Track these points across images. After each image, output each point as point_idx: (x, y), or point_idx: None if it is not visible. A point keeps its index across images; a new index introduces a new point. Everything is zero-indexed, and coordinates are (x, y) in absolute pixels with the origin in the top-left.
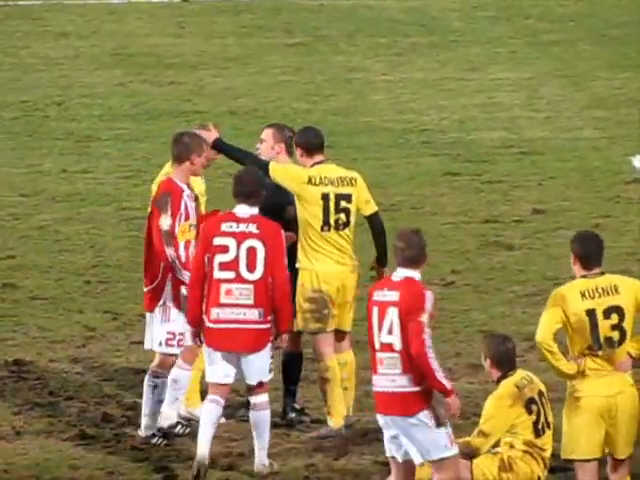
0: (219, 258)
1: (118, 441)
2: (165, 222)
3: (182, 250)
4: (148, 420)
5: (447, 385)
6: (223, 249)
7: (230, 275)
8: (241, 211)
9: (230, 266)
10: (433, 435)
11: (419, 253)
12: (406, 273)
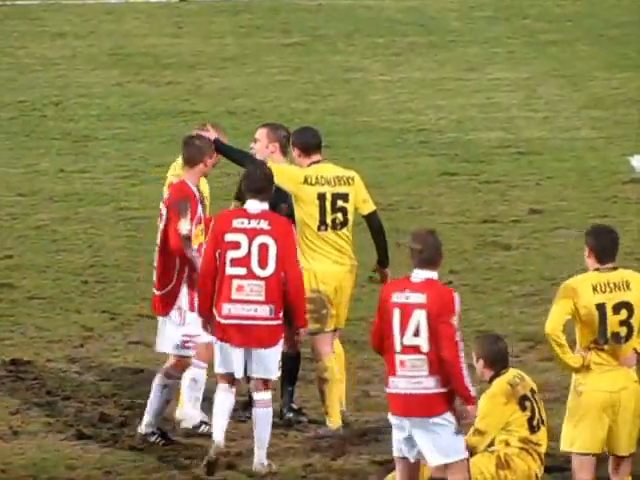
0: (231, 254)
1: (115, 441)
2: (185, 226)
3: (195, 253)
4: (151, 418)
5: (472, 392)
6: (235, 245)
7: (242, 271)
8: (252, 207)
9: (242, 262)
10: (453, 437)
11: (436, 254)
12: (426, 274)
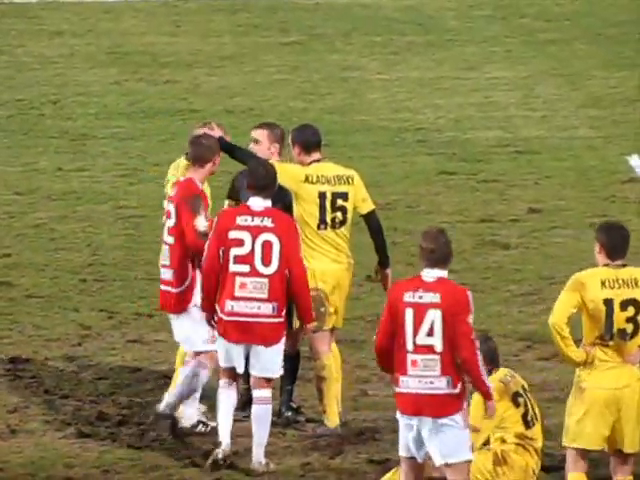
0: (234, 251)
1: (114, 439)
2: (202, 223)
3: None
4: (174, 401)
5: (490, 389)
6: (238, 243)
7: (245, 269)
8: (255, 204)
9: (245, 260)
10: (461, 437)
11: (448, 253)
12: (437, 274)
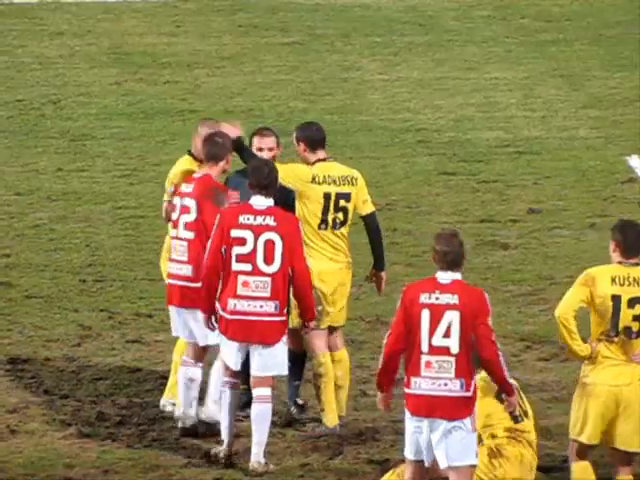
0: (237, 250)
1: (113, 440)
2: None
3: None
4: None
5: (512, 386)
6: (240, 241)
7: (247, 267)
8: (257, 202)
9: (247, 258)
10: (469, 441)
11: (461, 255)
12: (452, 276)
